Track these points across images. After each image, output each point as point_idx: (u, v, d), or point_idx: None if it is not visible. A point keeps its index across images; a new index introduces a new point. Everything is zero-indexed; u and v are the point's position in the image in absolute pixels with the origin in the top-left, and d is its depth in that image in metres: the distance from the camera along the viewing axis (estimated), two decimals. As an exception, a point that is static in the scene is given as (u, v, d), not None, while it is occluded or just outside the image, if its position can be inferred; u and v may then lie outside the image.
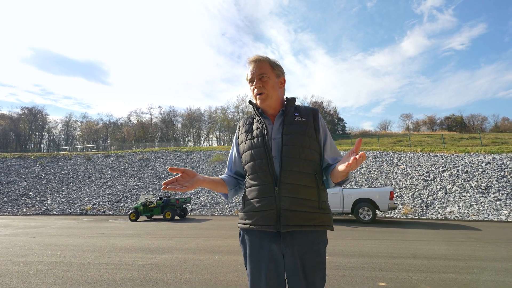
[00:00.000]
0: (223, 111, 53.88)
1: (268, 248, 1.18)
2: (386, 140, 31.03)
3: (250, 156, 1.27)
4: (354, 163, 0.95)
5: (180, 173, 1.13)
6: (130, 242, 6.43)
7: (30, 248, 5.93)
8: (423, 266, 4.05)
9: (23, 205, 17.48)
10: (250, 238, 1.24)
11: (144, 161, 22.61)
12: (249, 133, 1.33)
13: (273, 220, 1.16)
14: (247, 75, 1.35)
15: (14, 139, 54.18)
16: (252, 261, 1.21)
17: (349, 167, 0.98)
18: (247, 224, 1.24)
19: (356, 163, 0.96)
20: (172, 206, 12.48)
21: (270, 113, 1.35)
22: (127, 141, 51.53)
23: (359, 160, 0.94)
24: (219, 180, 1.32)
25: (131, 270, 4.04)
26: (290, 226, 1.14)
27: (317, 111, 1.33)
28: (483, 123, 53.83)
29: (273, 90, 1.31)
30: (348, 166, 0.98)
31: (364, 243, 5.86)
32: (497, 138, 25.95)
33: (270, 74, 1.31)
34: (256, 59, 1.32)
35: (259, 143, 1.26)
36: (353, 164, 0.96)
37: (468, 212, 10.94)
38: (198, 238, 6.96)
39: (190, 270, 4.03)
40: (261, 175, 1.22)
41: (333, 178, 1.19)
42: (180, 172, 1.12)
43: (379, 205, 9.44)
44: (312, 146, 1.24)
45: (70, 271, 4.04)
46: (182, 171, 1.12)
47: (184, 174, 1.13)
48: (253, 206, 1.23)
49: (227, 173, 1.44)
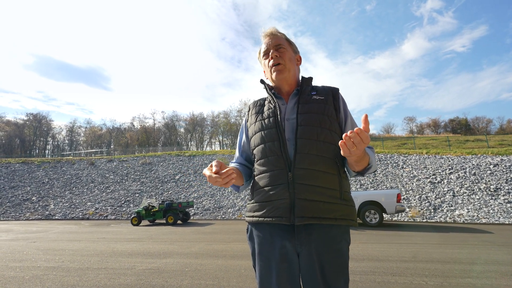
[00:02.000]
0: (225, 115, 54.01)
1: (279, 245, 1.01)
2: (390, 143, 30.70)
3: (260, 138, 1.11)
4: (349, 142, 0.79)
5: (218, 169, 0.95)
6: (131, 247, 6.26)
7: (28, 253, 5.78)
8: (437, 270, 3.83)
9: (26, 210, 17.42)
10: (259, 233, 1.07)
11: (146, 166, 22.52)
12: (259, 114, 1.18)
13: (286, 211, 0.99)
14: (260, 49, 1.22)
15: (19, 145, 54.60)
16: (262, 260, 1.03)
17: (344, 148, 0.81)
18: (256, 217, 1.07)
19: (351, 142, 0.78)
20: (175, 210, 12.31)
21: (285, 91, 1.20)
22: (130, 146, 51.72)
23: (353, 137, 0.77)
24: (236, 170, 1.14)
25: (130, 275, 3.87)
26: (306, 218, 0.96)
27: (337, 90, 1.18)
28: (488, 125, 53.28)
29: (291, 63, 1.18)
30: (344, 147, 0.81)
31: (372, 247, 5.63)
32: (503, 140, 25.55)
33: (287, 47, 1.19)
34: (272, 32, 1.20)
35: (270, 123, 1.10)
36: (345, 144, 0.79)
37: (477, 214, 10.62)
38: (201, 242, 6.77)
39: (191, 275, 3.85)
40: (273, 160, 1.06)
41: (349, 165, 1.03)
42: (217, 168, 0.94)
43: (386, 208, 9.18)
44: (332, 127, 1.07)
45: (66, 277, 3.88)
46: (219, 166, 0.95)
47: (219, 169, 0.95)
48: (263, 195, 1.06)
49: (237, 160, 1.27)
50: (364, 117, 0.82)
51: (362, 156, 0.93)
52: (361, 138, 0.79)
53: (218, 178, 0.90)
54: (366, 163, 1.00)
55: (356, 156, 0.89)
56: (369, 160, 1.00)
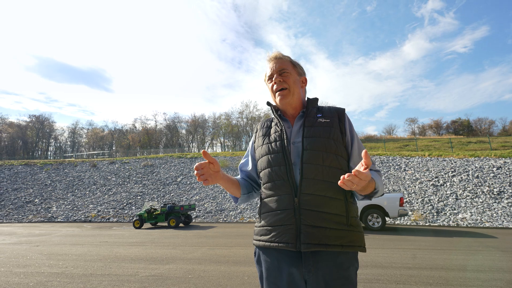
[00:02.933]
0: (227, 117, 54.04)
1: (287, 272, 1.01)
2: (392, 144, 30.60)
3: (266, 162, 1.12)
4: (348, 183, 0.85)
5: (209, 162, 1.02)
6: (134, 251, 6.27)
7: (32, 257, 5.80)
8: (441, 278, 3.81)
9: (28, 212, 17.48)
10: (267, 258, 1.07)
11: (148, 168, 22.57)
12: (266, 137, 1.19)
13: (292, 238, 0.99)
14: (266, 73, 1.23)
15: (22, 147, 54.88)
16: (269, 286, 1.05)
17: (345, 187, 0.87)
18: (263, 241, 1.07)
19: (350, 183, 0.84)
20: (177, 213, 12.31)
21: (290, 114, 1.21)
22: (132, 147, 51.83)
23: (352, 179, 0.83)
24: (235, 180, 1.19)
25: (133, 282, 3.88)
26: (312, 245, 0.97)
27: (343, 111, 1.18)
28: (490, 127, 52.99)
29: (295, 86, 1.18)
30: (343, 186, 0.87)
31: (375, 252, 5.61)
32: (506, 141, 25.39)
33: (292, 71, 1.19)
34: (276, 56, 1.21)
35: (277, 148, 1.11)
36: (345, 184, 0.86)
37: (481, 218, 10.56)
38: (203, 246, 6.77)
39: (195, 282, 3.85)
40: (279, 184, 1.07)
41: (355, 191, 1.04)
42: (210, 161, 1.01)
43: (388, 211, 9.15)
44: (338, 151, 1.08)
45: (70, 283, 3.89)
46: (212, 161, 1.01)
47: (211, 164, 1.02)
48: (269, 220, 1.07)
49: (241, 176, 1.30)
50: (364, 153, 0.84)
51: (366, 186, 0.94)
52: (360, 178, 0.82)
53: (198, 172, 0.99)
54: (372, 188, 1.00)
55: (359, 188, 0.90)
56: (375, 185, 1.00)
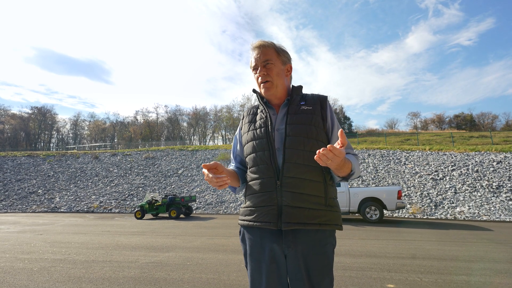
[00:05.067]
0: (228, 110, 53.99)
1: (269, 248, 1.09)
2: (394, 138, 30.57)
3: (251, 147, 1.20)
4: (323, 158, 0.89)
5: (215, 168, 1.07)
6: (135, 240, 6.42)
7: (36, 245, 5.96)
8: (433, 267, 3.91)
9: (32, 203, 17.77)
10: (251, 236, 1.16)
11: (150, 160, 22.75)
12: (252, 124, 1.26)
13: (274, 217, 1.07)
14: (251, 62, 1.26)
15: (24, 138, 55.25)
16: (253, 262, 1.13)
17: (320, 161, 0.91)
18: (247, 221, 1.16)
19: (325, 157, 0.88)
20: (177, 205, 12.49)
21: (275, 103, 1.26)
22: (133, 140, 52.07)
23: (326, 154, 0.87)
24: (233, 172, 1.25)
25: (134, 268, 4.00)
26: (292, 224, 1.05)
27: (325, 98, 1.24)
28: (493, 121, 52.62)
29: (279, 78, 1.22)
30: (319, 160, 0.91)
31: (371, 243, 5.72)
32: (508, 136, 25.28)
33: (276, 61, 1.22)
34: (260, 44, 1.23)
35: (262, 134, 1.18)
36: (320, 159, 0.90)
37: (478, 212, 10.65)
38: (203, 236, 6.92)
39: (193, 269, 3.97)
40: (263, 168, 1.14)
41: (333, 171, 1.10)
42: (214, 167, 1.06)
43: (386, 204, 9.25)
44: (318, 137, 1.14)
45: (73, 269, 4.03)
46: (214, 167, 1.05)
47: (215, 169, 1.07)
48: (253, 201, 1.15)
49: (235, 165, 1.36)
50: (340, 132, 0.91)
51: (341, 165, 0.99)
52: (334, 154, 0.87)
53: (213, 179, 1.00)
54: (348, 170, 1.05)
55: (335, 166, 0.95)
56: (351, 167, 1.06)
